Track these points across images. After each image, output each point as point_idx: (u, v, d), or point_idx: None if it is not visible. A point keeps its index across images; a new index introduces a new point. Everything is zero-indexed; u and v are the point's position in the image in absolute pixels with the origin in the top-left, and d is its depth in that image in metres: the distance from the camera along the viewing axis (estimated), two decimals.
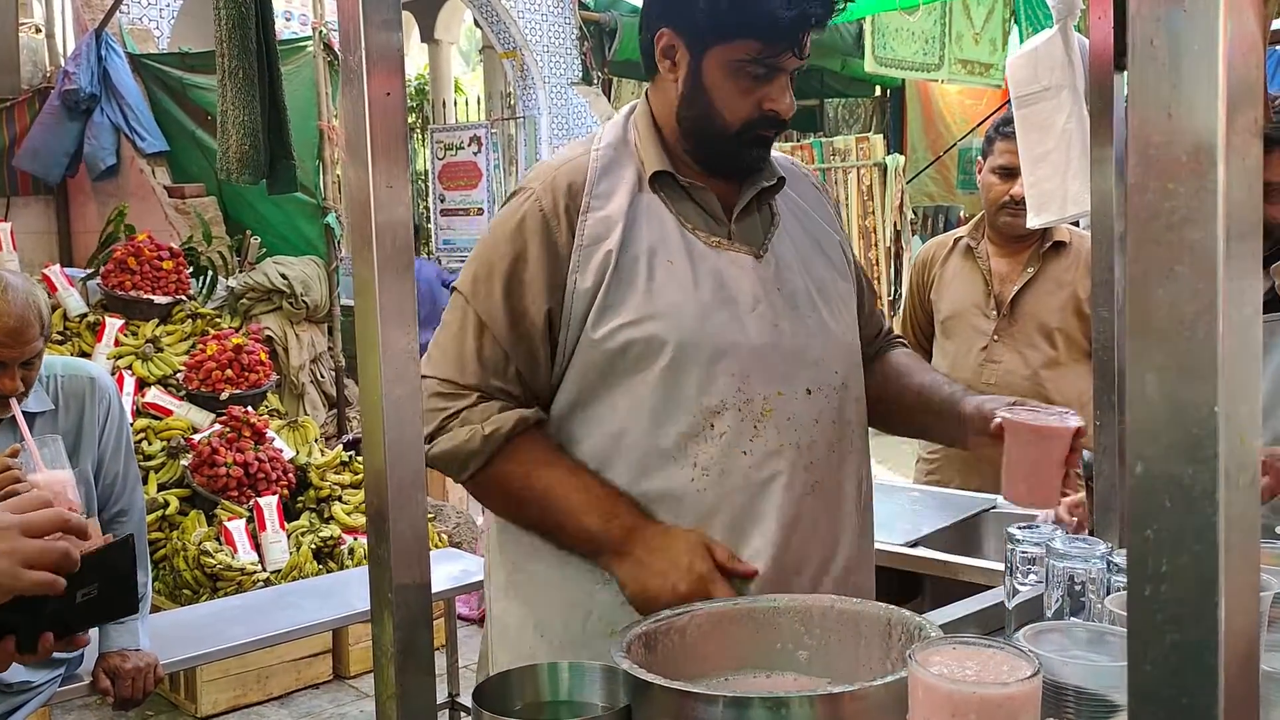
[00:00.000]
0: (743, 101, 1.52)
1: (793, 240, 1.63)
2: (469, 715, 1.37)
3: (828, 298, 1.63)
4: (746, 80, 1.51)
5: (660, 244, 1.53)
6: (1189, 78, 0.55)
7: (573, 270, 1.52)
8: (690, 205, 1.58)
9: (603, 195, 1.55)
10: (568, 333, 1.53)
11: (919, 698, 0.93)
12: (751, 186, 1.61)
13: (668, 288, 1.51)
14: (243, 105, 5.71)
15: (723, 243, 1.57)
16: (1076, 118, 2.38)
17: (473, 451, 1.51)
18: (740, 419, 1.51)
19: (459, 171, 10.38)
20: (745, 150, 1.56)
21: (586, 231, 1.53)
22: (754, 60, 1.49)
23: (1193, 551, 0.56)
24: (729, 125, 1.53)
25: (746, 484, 1.52)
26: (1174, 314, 0.55)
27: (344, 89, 1.10)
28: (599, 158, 1.58)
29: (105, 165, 6.90)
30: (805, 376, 1.56)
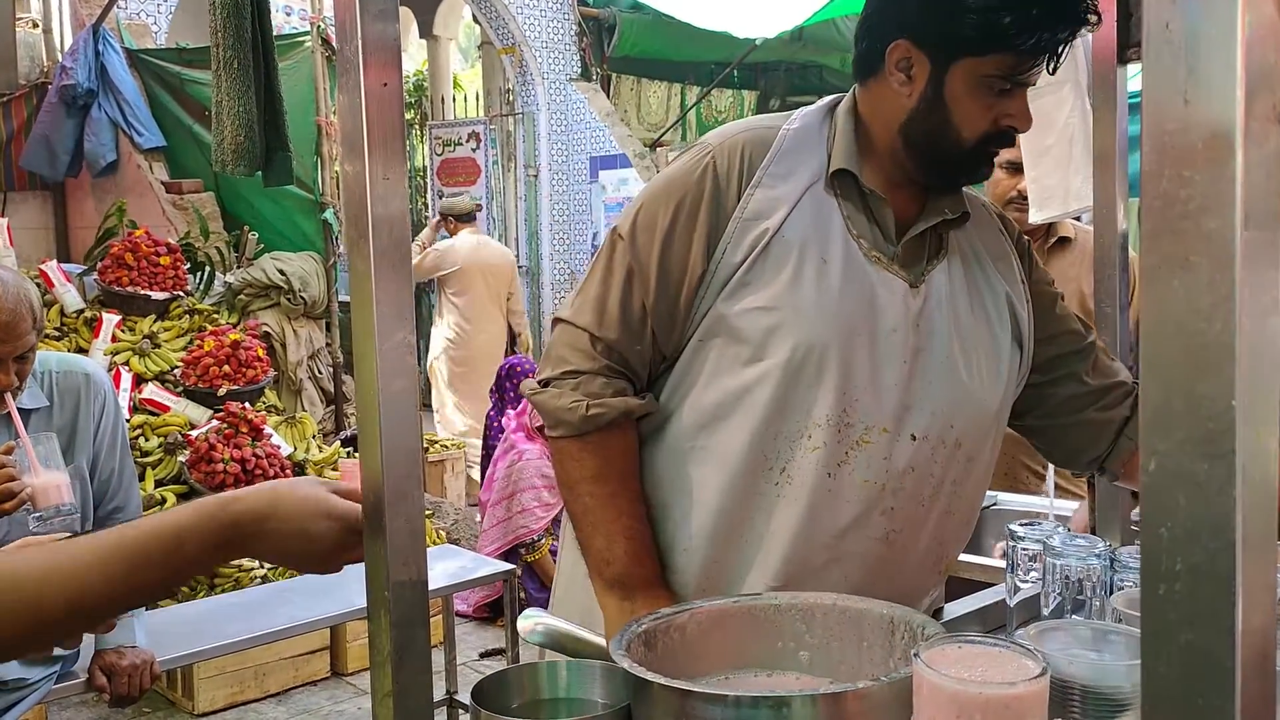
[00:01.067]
0: (984, 116, 1.47)
1: (952, 280, 1.55)
2: (467, 713, 1.36)
3: (970, 348, 1.53)
4: (990, 95, 1.45)
5: (821, 240, 1.48)
6: (1205, 62, 0.53)
7: (726, 238, 1.48)
8: (863, 214, 1.52)
9: (778, 175, 1.51)
10: (703, 301, 1.50)
11: (924, 697, 0.92)
12: (933, 214, 1.55)
13: (813, 284, 1.46)
14: (238, 96, 5.69)
15: (882, 259, 1.51)
16: (1079, 112, 2.36)
17: (568, 421, 1.51)
18: (837, 440, 1.46)
19: (457, 167, 10.38)
20: (975, 166, 1.52)
21: (750, 205, 1.49)
22: (1004, 75, 1.44)
23: (1208, 549, 0.54)
24: (965, 140, 1.48)
25: (820, 507, 1.47)
26: (1190, 305, 0.53)
27: (340, 80, 1.09)
28: (788, 136, 1.54)
29: (106, 161, 6.88)
30: (915, 422, 1.49)
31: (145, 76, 7.10)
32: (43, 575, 1.00)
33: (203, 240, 6.35)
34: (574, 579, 1.64)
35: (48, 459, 2.09)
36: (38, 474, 2.07)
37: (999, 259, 1.62)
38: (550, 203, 10.98)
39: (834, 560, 1.48)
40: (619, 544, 1.50)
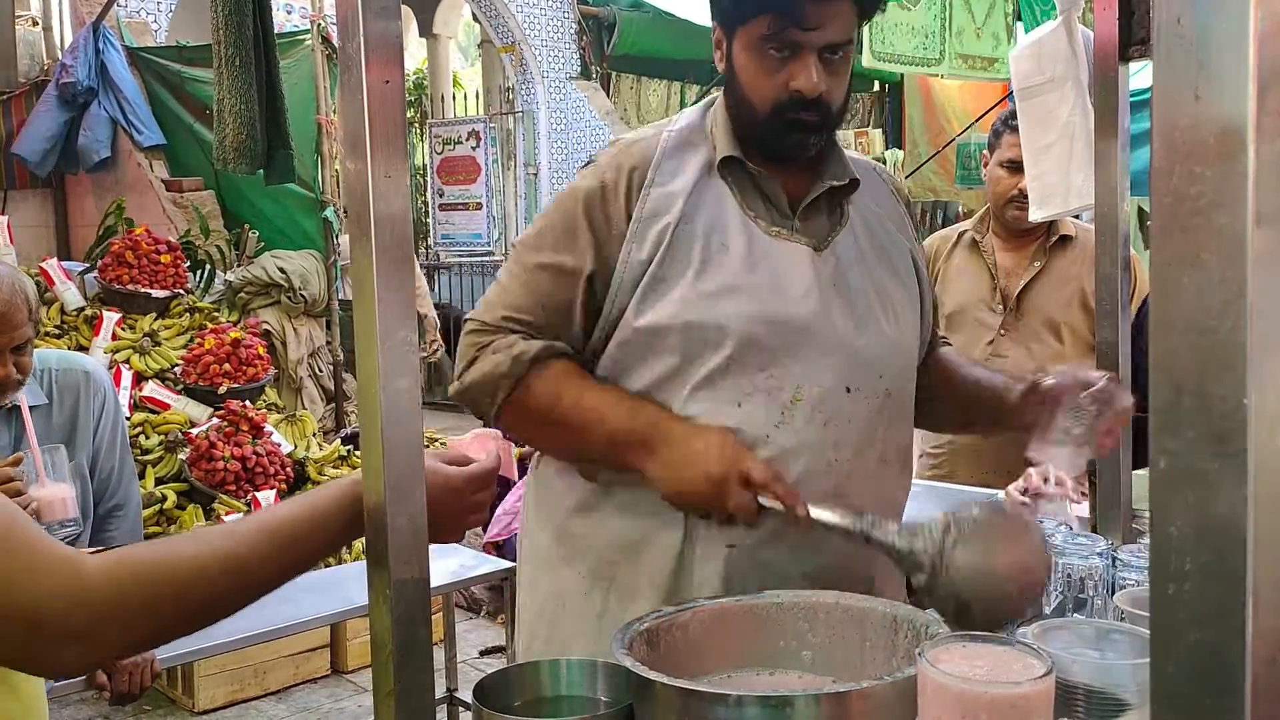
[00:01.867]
0: (768, 82, 1.50)
1: (858, 243, 1.60)
2: (468, 710, 1.36)
3: (886, 300, 1.59)
4: (770, 60, 1.50)
5: (720, 226, 1.53)
6: (1217, 58, 0.53)
7: (629, 239, 1.52)
8: (756, 194, 1.57)
9: (668, 173, 1.56)
10: (615, 303, 1.53)
11: (929, 697, 0.91)
12: (820, 182, 1.59)
13: (719, 267, 1.50)
14: (239, 94, 5.68)
15: (783, 233, 1.55)
16: (1080, 110, 2.36)
17: (503, 374, 1.52)
18: (766, 404, 1.49)
19: (457, 166, 10.37)
20: (783, 134, 1.53)
21: (648, 205, 1.53)
22: (770, 37, 1.48)
23: (1218, 549, 0.54)
24: (759, 108, 1.52)
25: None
26: (1201, 302, 0.53)
27: (342, 78, 1.08)
28: (670, 139, 1.59)
29: (99, 158, 6.87)
30: (847, 374, 1.52)
31: (145, 74, 7.09)
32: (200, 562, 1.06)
33: (203, 238, 6.35)
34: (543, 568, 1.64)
35: (55, 471, 2.08)
36: (44, 485, 2.06)
37: (895, 220, 1.69)
38: (549, 201, 10.94)
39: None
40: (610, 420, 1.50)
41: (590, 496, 1.58)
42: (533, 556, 1.67)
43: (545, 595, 1.63)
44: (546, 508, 1.65)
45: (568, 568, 1.60)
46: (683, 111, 1.67)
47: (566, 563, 1.60)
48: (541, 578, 1.64)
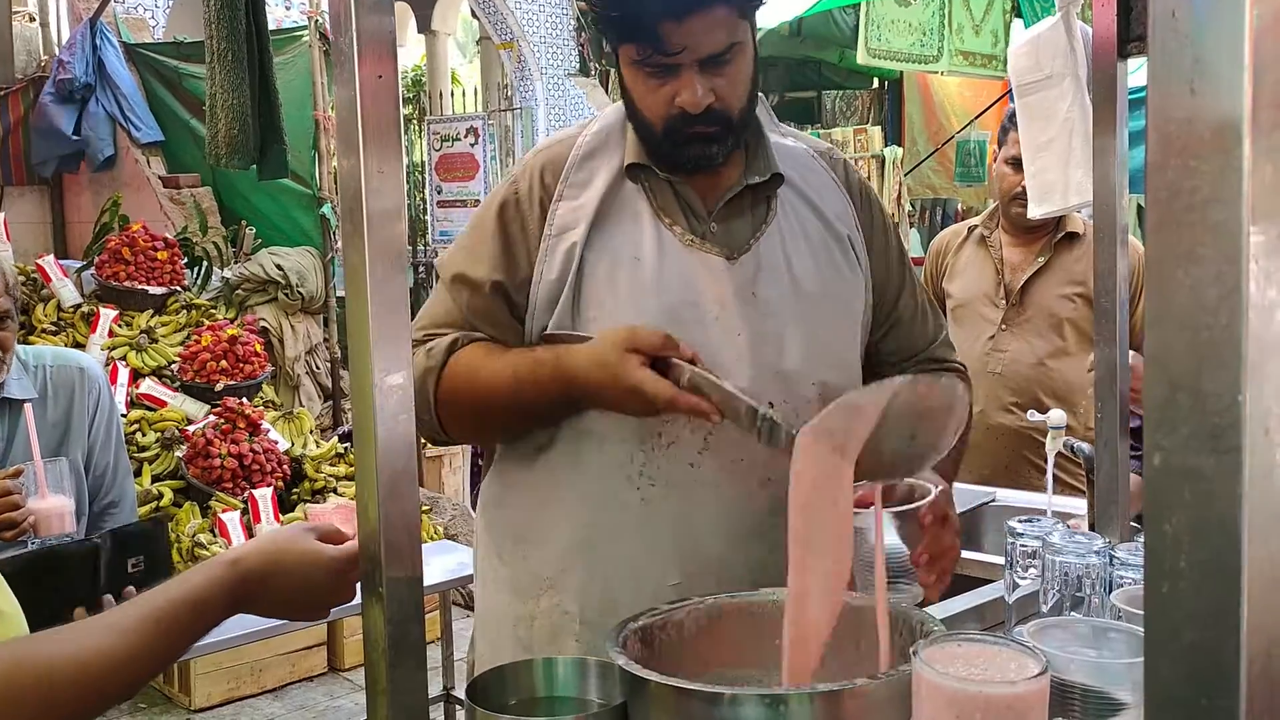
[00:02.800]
0: (655, 99, 1.47)
1: (785, 240, 1.55)
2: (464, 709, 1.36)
3: (820, 303, 1.54)
4: (652, 79, 1.47)
5: (630, 240, 1.50)
6: (1213, 51, 0.52)
7: (540, 259, 1.51)
8: (671, 198, 1.54)
9: (578, 184, 1.53)
10: (533, 323, 1.52)
11: (923, 697, 0.91)
12: (735, 183, 1.54)
13: (630, 286, 1.48)
14: (232, 88, 5.66)
15: (696, 241, 1.51)
16: (1079, 106, 2.35)
17: (428, 368, 1.50)
18: (690, 430, 1.46)
19: (456, 163, 10.34)
20: (682, 148, 1.50)
21: (556, 220, 1.51)
22: (641, 60, 1.46)
23: (1214, 546, 0.53)
24: (653, 125, 1.49)
25: (691, 497, 1.47)
26: (1196, 298, 0.52)
27: (335, 73, 1.07)
28: (584, 144, 1.56)
29: (104, 156, 6.87)
30: (769, 391, 1.47)
31: (143, 71, 7.08)
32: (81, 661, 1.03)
33: (200, 235, 6.33)
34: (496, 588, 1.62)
35: (55, 483, 2.07)
36: (44, 498, 2.05)
37: (836, 208, 1.61)
38: None
39: (731, 545, 1.48)
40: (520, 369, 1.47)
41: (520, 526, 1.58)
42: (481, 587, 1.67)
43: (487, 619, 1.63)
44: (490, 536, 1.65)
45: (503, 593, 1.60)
46: (605, 110, 1.63)
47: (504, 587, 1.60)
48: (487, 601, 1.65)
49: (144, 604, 1.10)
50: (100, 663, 1.03)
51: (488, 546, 1.64)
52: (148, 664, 1.07)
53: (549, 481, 1.54)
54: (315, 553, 1.19)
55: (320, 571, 1.18)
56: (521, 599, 1.56)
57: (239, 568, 1.15)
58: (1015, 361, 2.96)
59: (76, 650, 1.03)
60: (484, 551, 1.65)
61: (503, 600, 1.60)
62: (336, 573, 1.20)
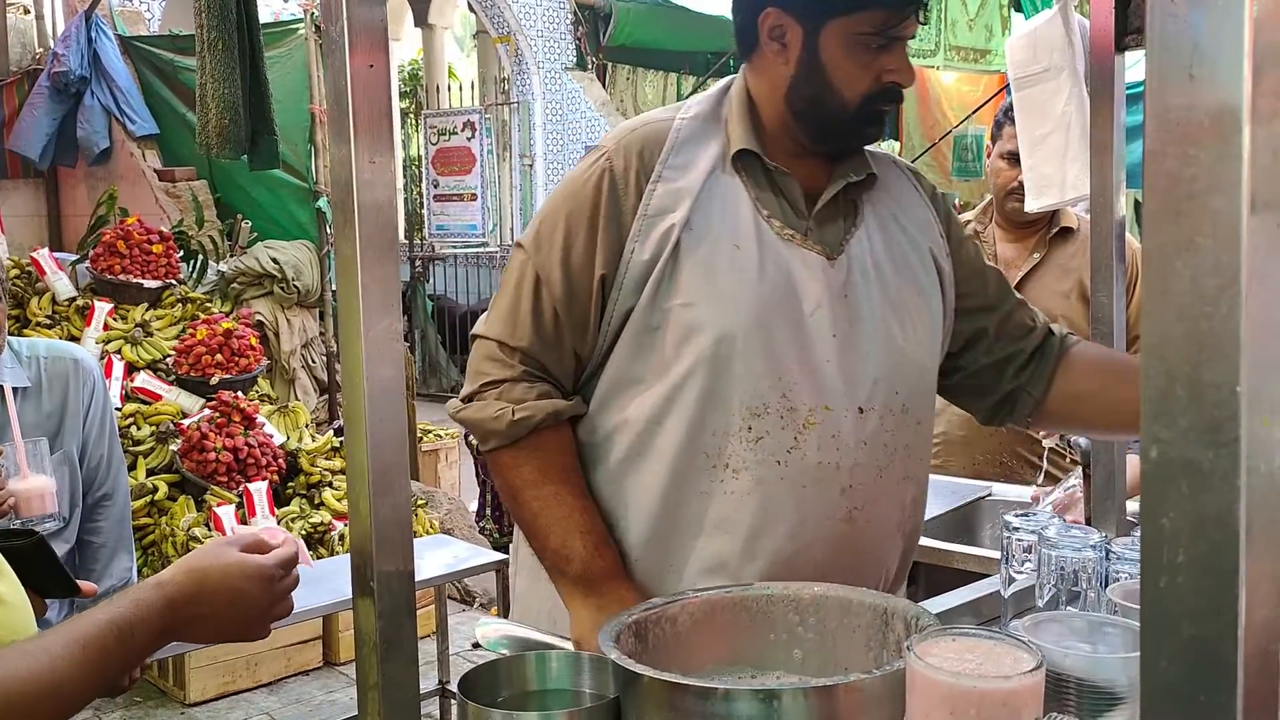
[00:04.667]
0: (863, 75, 1.45)
1: (872, 244, 1.53)
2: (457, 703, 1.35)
3: (901, 311, 1.52)
4: (866, 53, 1.44)
5: (730, 227, 1.46)
6: (1212, 36, 0.51)
7: (633, 238, 1.46)
8: (771, 192, 1.50)
9: (678, 166, 1.49)
10: (617, 304, 1.47)
11: (917, 691, 0.90)
12: (838, 179, 1.52)
13: (729, 274, 1.44)
14: (222, 79, 5.64)
15: (796, 237, 1.49)
16: (1076, 100, 2.35)
17: (497, 431, 1.48)
18: (782, 426, 1.44)
19: (452, 157, 10.33)
20: (863, 127, 1.50)
21: (653, 201, 1.47)
22: (876, 32, 1.43)
23: (1211, 540, 0.53)
24: (848, 102, 1.46)
25: (775, 496, 1.45)
26: (1194, 288, 0.52)
27: (326, 61, 1.07)
28: (683, 126, 1.52)
29: (99, 149, 6.85)
30: (858, 394, 1.47)
31: (138, 64, 7.06)
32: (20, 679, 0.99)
33: (196, 228, 6.32)
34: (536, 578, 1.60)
35: (37, 464, 2.06)
36: (25, 478, 2.03)
37: (916, 215, 1.60)
38: (545, 192, 10.95)
39: (799, 549, 1.45)
40: (574, 540, 1.47)
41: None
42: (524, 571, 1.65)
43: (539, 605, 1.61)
44: None
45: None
46: (695, 97, 1.60)
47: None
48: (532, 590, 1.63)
49: (71, 628, 1.05)
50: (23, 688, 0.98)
51: None
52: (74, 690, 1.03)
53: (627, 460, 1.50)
54: (240, 563, 1.15)
55: (250, 582, 1.15)
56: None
57: (164, 590, 1.11)
58: None
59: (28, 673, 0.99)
60: None
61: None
62: (267, 579, 1.16)
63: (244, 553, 1.17)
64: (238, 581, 1.14)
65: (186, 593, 1.12)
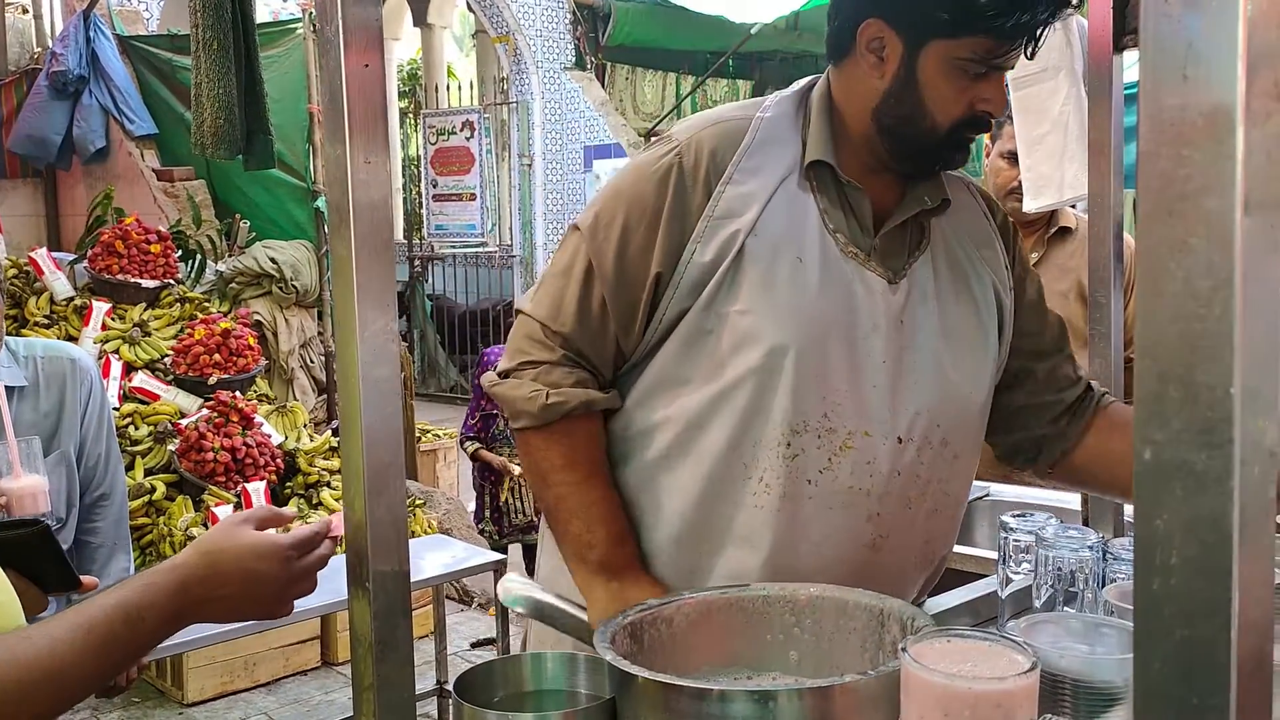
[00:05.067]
0: (958, 100, 1.41)
1: (936, 271, 1.50)
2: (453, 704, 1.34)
3: (956, 342, 1.49)
4: (964, 79, 1.40)
5: (796, 238, 1.43)
6: (1206, 36, 0.51)
7: (695, 238, 1.43)
8: (839, 206, 1.47)
9: (749, 170, 1.45)
10: (672, 302, 1.44)
11: (911, 692, 0.90)
12: (912, 204, 1.49)
13: (788, 285, 1.42)
14: (217, 78, 5.63)
15: (860, 255, 1.45)
16: (1074, 100, 2.35)
17: (528, 411, 1.47)
18: (818, 445, 1.42)
19: (451, 156, 10.33)
20: (948, 151, 1.46)
21: (721, 204, 1.43)
22: (979, 59, 1.39)
23: (1205, 542, 0.52)
24: (938, 125, 1.42)
25: (801, 515, 1.43)
26: (1188, 289, 0.51)
27: (321, 61, 1.06)
28: (761, 126, 1.48)
29: (95, 148, 6.84)
30: (899, 423, 1.44)
31: (136, 63, 7.06)
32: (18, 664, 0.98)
33: (194, 228, 6.32)
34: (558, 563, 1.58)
35: (30, 463, 2.05)
36: (18, 477, 2.03)
37: (984, 245, 1.56)
38: (544, 192, 10.95)
39: (819, 570, 1.43)
40: (598, 528, 1.46)
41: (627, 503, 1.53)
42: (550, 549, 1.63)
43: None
44: None
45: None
46: (775, 95, 1.54)
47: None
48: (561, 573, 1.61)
49: (78, 612, 1.04)
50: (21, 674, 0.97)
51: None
52: (77, 676, 1.01)
53: (664, 459, 1.48)
54: (255, 542, 1.13)
55: (264, 561, 1.13)
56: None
57: (177, 572, 1.09)
58: None
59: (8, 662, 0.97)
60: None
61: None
62: (283, 559, 1.14)
63: (260, 530, 1.15)
64: (251, 562, 1.13)
65: (200, 574, 1.11)
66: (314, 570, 1.19)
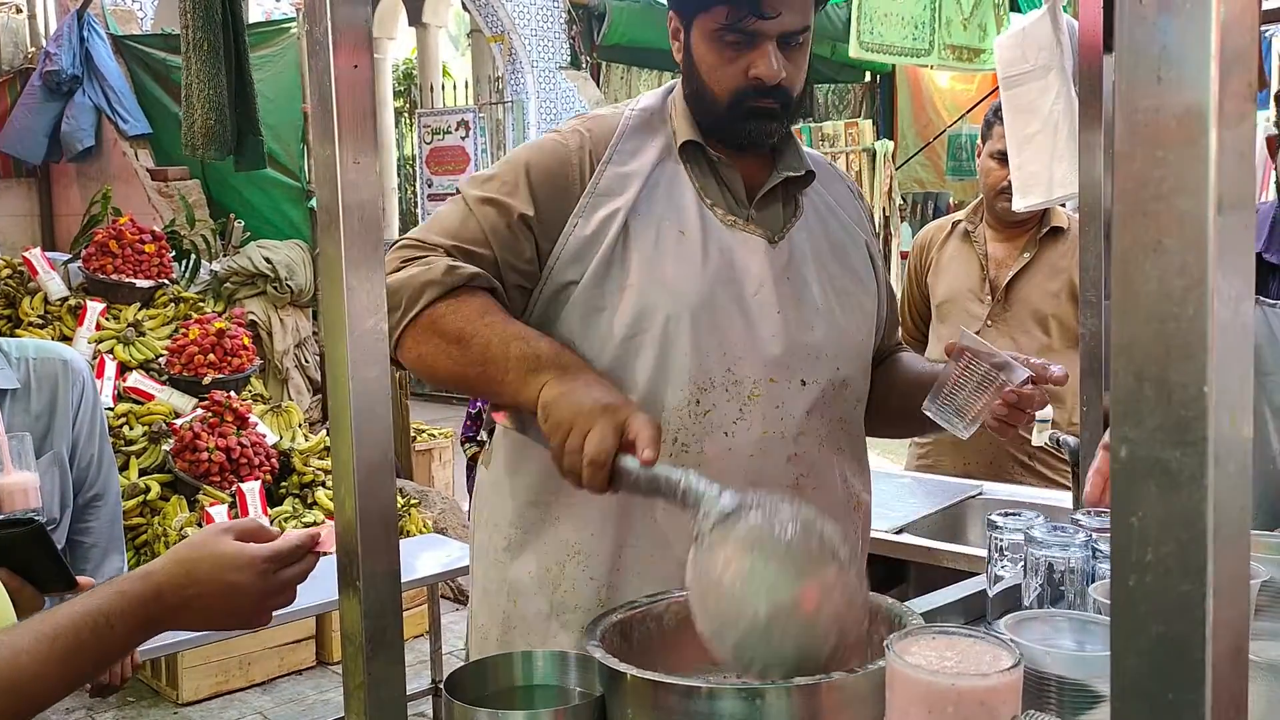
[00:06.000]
0: (727, 71, 1.51)
1: (812, 236, 1.61)
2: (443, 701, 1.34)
3: (842, 296, 1.60)
4: (728, 49, 1.50)
5: (675, 213, 1.53)
6: (1179, 39, 0.52)
7: (577, 212, 1.51)
8: (714, 181, 1.57)
9: (628, 152, 1.56)
10: (553, 272, 1.52)
11: (896, 689, 0.90)
12: (778, 172, 1.60)
13: (674, 257, 1.50)
14: (208, 79, 5.63)
15: (738, 222, 1.56)
16: (1064, 99, 2.35)
17: (433, 281, 1.44)
18: (727, 399, 1.50)
19: (446, 156, 10.33)
20: (743, 123, 1.54)
21: (602, 182, 1.53)
22: (727, 27, 1.48)
23: (1179, 539, 0.53)
24: (719, 97, 1.53)
25: (724, 467, 1.47)
26: (1162, 289, 0.52)
27: (310, 62, 1.07)
28: (633, 117, 1.60)
29: (82, 146, 6.82)
30: (801, 368, 1.54)
31: (130, 63, 7.05)
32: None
33: (188, 228, 6.31)
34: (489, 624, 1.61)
35: (20, 459, 2.05)
36: (8, 474, 2.03)
37: (851, 215, 1.70)
38: None
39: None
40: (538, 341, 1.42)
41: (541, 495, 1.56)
42: (483, 556, 1.65)
43: (496, 595, 1.61)
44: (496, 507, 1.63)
45: (517, 567, 1.58)
46: (644, 94, 1.68)
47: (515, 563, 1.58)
48: (492, 577, 1.62)
49: (44, 619, 1.04)
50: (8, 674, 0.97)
51: (501, 514, 1.61)
52: (41, 685, 1.00)
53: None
54: (234, 553, 1.13)
55: (241, 573, 1.13)
56: (543, 566, 1.55)
57: (150, 580, 1.09)
58: None
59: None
60: (495, 521, 1.62)
61: (520, 568, 1.57)
62: (261, 572, 1.14)
63: (239, 541, 1.15)
64: (228, 573, 1.13)
65: (176, 582, 1.11)
66: (293, 584, 1.19)
